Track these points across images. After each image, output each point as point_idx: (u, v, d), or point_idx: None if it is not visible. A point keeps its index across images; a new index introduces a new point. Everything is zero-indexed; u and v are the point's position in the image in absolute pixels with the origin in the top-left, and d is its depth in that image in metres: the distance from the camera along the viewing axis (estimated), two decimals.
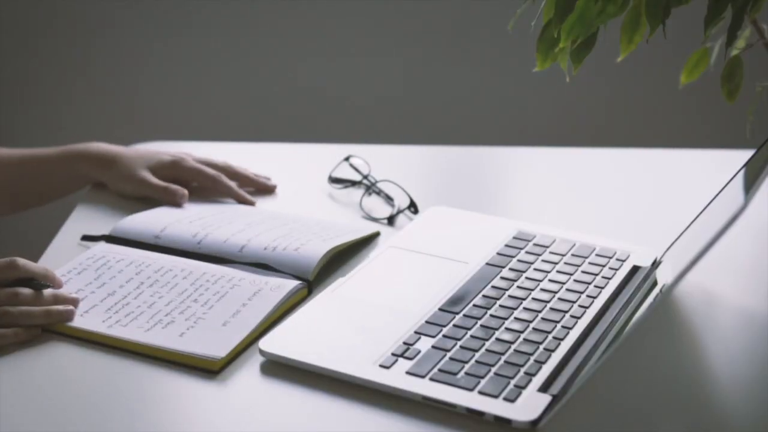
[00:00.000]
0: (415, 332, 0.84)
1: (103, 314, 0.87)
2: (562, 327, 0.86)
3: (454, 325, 0.85)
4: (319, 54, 2.07)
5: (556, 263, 0.98)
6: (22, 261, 0.87)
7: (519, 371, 0.78)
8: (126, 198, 1.14)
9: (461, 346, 0.82)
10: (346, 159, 1.24)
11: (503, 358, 0.80)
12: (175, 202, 1.11)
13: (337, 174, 1.22)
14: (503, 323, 0.86)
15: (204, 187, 1.16)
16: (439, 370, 0.79)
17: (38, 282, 0.87)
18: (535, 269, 0.97)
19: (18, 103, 2.08)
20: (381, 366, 0.79)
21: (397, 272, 0.97)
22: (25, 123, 2.10)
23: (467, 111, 2.11)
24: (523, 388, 0.77)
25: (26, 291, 0.86)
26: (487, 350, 0.82)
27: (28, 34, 2.03)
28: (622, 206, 1.20)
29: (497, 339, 0.83)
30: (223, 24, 2.04)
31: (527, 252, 1.00)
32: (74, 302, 0.87)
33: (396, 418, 0.75)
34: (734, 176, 0.90)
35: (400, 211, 1.13)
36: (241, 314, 0.86)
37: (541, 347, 0.82)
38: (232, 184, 1.16)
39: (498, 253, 1.00)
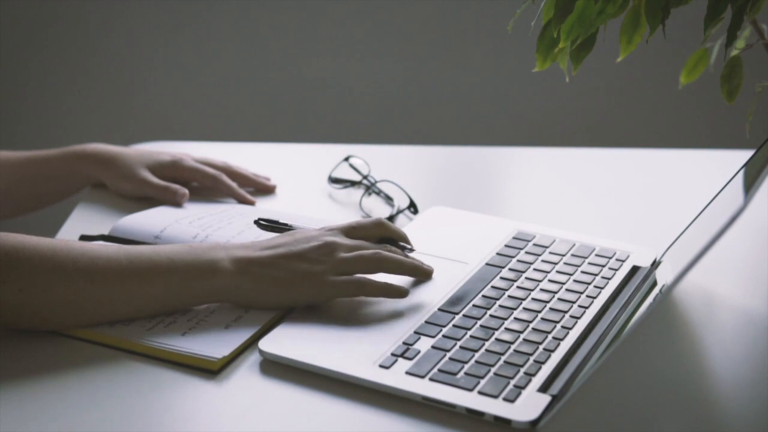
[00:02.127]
0: (415, 332, 0.84)
1: None
2: (562, 327, 0.86)
3: (454, 326, 0.85)
4: (320, 54, 2.07)
5: (555, 263, 0.98)
6: (387, 222, 0.95)
7: (519, 371, 0.78)
8: (126, 198, 1.14)
9: (461, 347, 0.82)
10: (346, 159, 1.24)
11: (503, 358, 0.80)
12: (175, 201, 1.11)
13: (337, 174, 1.22)
14: (503, 323, 0.86)
15: (204, 186, 1.16)
16: (439, 370, 0.79)
17: (402, 244, 0.95)
18: (535, 269, 0.97)
19: (18, 103, 2.08)
20: (381, 366, 0.79)
21: None
22: (25, 123, 2.10)
23: (467, 111, 2.11)
24: (523, 388, 0.77)
25: (394, 249, 0.93)
26: (486, 350, 0.82)
27: (28, 34, 2.03)
28: (622, 206, 1.20)
29: (497, 339, 0.83)
30: (223, 25, 2.04)
31: (527, 252, 1.00)
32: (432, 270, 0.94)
33: (396, 418, 0.75)
34: (734, 176, 0.90)
35: (399, 211, 1.13)
36: (243, 319, 0.86)
37: (541, 347, 0.82)
38: (233, 183, 1.17)
39: (498, 254, 1.00)
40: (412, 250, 0.95)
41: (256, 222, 0.97)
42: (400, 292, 0.89)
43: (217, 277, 0.85)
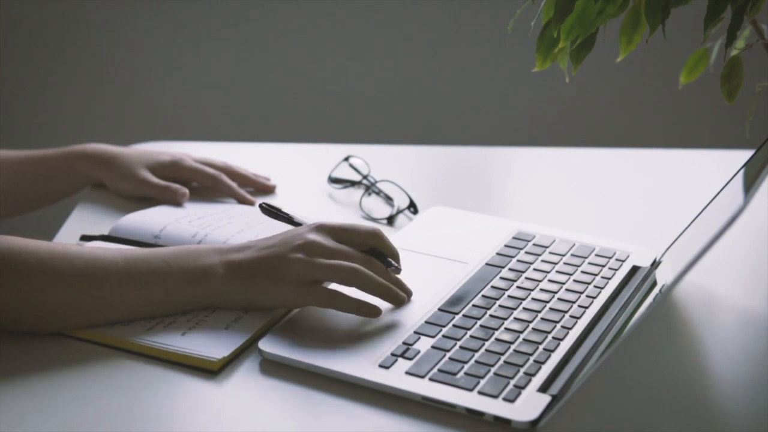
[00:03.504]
0: (415, 332, 0.84)
1: None
2: (562, 327, 0.86)
3: (454, 326, 0.85)
4: (320, 54, 2.07)
5: (555, 263, 0.98)
6: (383, 235, 0.91)
7: (518, 371, 0.78)
8: (126, 198, 1.14)
9: (461, 347, 0.82)
10: (346, 159, 1.24)
11: (503, 358, 0.80)
12: (175, 201, 1.11)
13: (337, 174, 1.22)
14: (503, 323, 0.86)
15: (204, 186, 1.16)
16: (439, 370, 0.79)
17: (389, 260, 0.91)
18: (535, 269, 0.97)
19: (18, 103, 2.08)
20: (381, 366, 0.79)
21: None
22: (25, 123, 2.10)
23: (467, 111, 2.11)
24: (523, 388, 0.77)
25: (378, 263, 0.89)
26: (486, 350, 0.82)
27: (28, 34, 2.03)
28: (622, 206, 1.20)
29: (497, 339, 0.83)
30: (223, 25, 2.04)
31: (527, 252, 1.00)
32: (410, 295, 0.90)
33: (396, 418, 0.75)
34: (734, 176, 0.90)
35: (399, 211, 1.13)
36: (243, 319, 0.86)
37: (541, 347, 0.82)
38: (233, 183, 1.17)
39: (497, 254, 1.00)
40: (398, 270, 0.91)
41: (260, 206, 0.96)
42: (371, 312, 0.86)
43: (210, 283, 0.86)
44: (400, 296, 0.88)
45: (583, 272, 0.96)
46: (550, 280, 0.94)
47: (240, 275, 0.86)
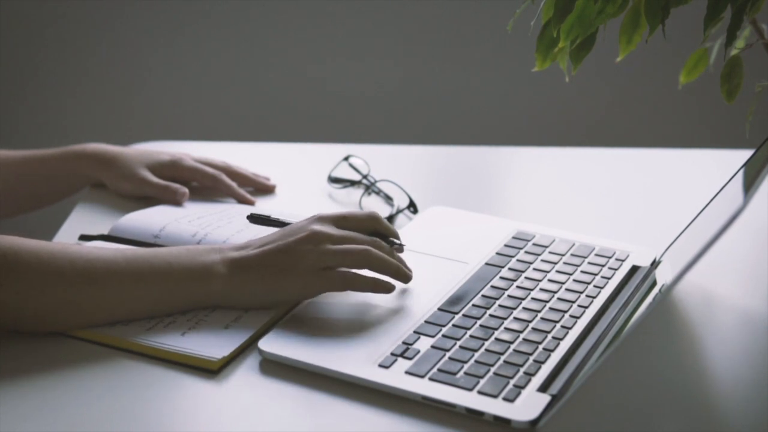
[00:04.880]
0: (415, 332, 0.84)
1: None
2: (562, 327, 0.86)
3: (454, 325, 0.85)
4: (320, 54, 2.07)
5: (555, 263, 0.98)
6: (381, 217, 0.93)
7: (518, 371, 0.78)
8: (125, 198, 1.14)
9: (460, 346, 0.82)
10: (346, 159, 1.24)
11: (502, 358, 0.80)
12: (175, 200, 1.11)
13: (337, 174, 1.22)
14: (502, 323, 0.86)
15: (204, 186, 1.16)
16: (439, 369, 0.79)
17: (392, 240, 0.93)
18: (535, 269, 0.97)
19: (18, 103, 2.08)
20: (380, 366, 0.79)
21: None
22: (25, 123, 2.10)
23: (467, 111, 2.11)
24: (523, 387, 0.77)
25: (384, 244, 0.91)
26: (486, 350, 0.82)
27: (28, 34, 2.03)
28: (622, 206, 1.20)
29: (496, 339, 0.83)
30: (223, 24, 2.04)
31: (526, 252, 1.00)
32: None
33: (395, 418, 0.75)
34: (733, 176, 0.90)
35: (399, 211, 1.13)
36: (243, 319, 0.86)
37: (541, 347, 0.82)
38: (233, 183, 1.17)
39: (497, 253, 1.00)
40: (401, 245, 0.94)
41: (249, 216, 0.97)
42: (387, 288, 0.88)
43: (211, 282, 0.86)
44: (409, 274, 0.91)
45: (582, 272, 0.96)
46: (549, 280, 0.94)
47: (244, 272, 0.86)
